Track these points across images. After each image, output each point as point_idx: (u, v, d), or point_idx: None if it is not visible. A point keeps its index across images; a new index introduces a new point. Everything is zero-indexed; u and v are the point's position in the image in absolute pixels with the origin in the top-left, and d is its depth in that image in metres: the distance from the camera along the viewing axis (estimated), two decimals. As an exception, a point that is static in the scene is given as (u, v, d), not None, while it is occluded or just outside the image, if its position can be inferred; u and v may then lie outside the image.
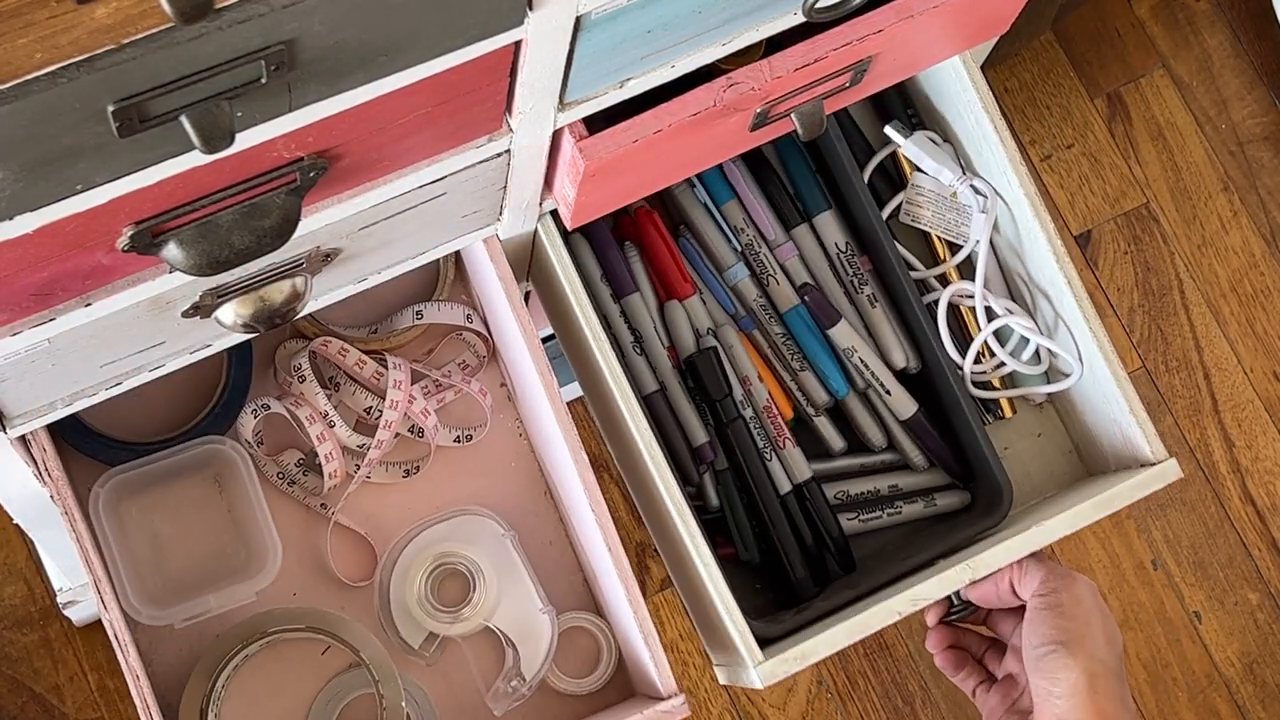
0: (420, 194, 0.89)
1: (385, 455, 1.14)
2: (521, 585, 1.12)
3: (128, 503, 1.11)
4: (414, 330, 1.15)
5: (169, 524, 1.11)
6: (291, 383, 1.12)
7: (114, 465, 1.09)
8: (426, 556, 1.12)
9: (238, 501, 1.11)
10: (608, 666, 1.14)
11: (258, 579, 1.09)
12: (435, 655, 1.12)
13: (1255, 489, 1.82)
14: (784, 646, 1.04)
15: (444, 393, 1.15)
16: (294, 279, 0.90)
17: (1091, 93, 1.90)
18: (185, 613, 1.08)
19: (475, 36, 0.72)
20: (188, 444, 1.10)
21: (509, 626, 1.11)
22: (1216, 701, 1.78)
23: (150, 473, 1.09)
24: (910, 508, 1.17)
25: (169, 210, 0.74)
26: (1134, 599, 1.79)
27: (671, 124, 0.91)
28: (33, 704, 1.61)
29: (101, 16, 0.56)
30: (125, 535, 1.10)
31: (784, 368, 1.17)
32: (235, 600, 1.09)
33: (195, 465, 1.11)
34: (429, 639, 1.12)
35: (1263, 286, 1.87)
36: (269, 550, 1.09)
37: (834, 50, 0.93)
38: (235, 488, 1.11)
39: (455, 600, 1.13)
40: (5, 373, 0.86)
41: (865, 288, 1.17)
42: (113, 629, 1.01)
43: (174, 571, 1.11)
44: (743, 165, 1.17)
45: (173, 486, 1.12)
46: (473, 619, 1.11)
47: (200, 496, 1.12)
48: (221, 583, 1.09)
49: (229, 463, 1.10)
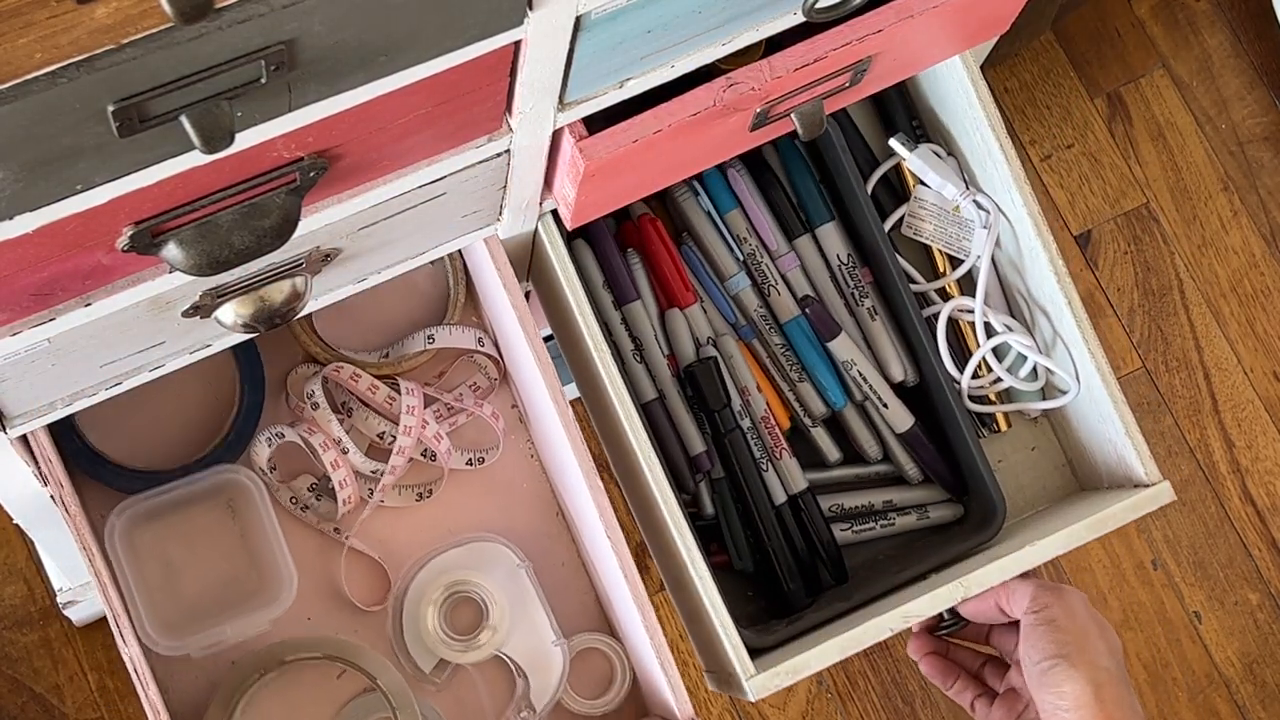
0: (420, 194, 0.89)
1: (398, 479, 1.14)
2: (535, 615, 1.12)
3: (141, 530, 1.11)
4: (425, 354, 1.15)
5: (183, 552, 1.11)
6: (304, 409, 1.12)
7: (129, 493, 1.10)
8: (440, 583, 1.12)
9: (252, 529, 1.11)
10: (621, 687, 1.14)
11: (273, 607, 1.09)
12: (446, 681, 1.12)
13: (1255, 489, 1.82)
14: (776, 659, 1.04)
15: (456, 416, 1.15)
16: (294, 279, 0.90)
17: (1091, 93, 1.90)
18: (202, 642, 1.08)
19: (475, 36, 0.72)
20: (201, 473, 1.10)
21: (520, 656, 1.11)
22: (1216, 701, 1.78)
23: (164, 501, 1.10)
24: (903, 519, 1.18)
25: (169, 210, 0.74)
26: (1134, 599, 1.79)
27: (671, 124, 0.91)
28: (33, 704, 1.61)
29: (101, 16, 0.56)
30: (139, 563, 1.10)
31: (782, 378, 1.17)
32: (251, 630, 1.09)
33: (208, 493, 1.11)
34: (440, 665, 1.12)
35: (1263, 286, 1.87)
36: (284, 578, 1.09)
37: (834, 50, 0.93)
38: (249, 515, 1.11)
39: (468, 628, 1.13)
40: (5, 373, 0.86)
41: (866, 300, 1.17)
42: (132, 664, 1.01)
43: (189, 599, 1.11)
44: (746, 174, 1.17)
45: (186, 514, 1.12)
46: (485, 648, 1.11)
47: (213, 524, 1.12)
48: (236, 611, 1.09)
49: (242, 490, 1.10)
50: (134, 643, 1.02)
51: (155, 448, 1.14)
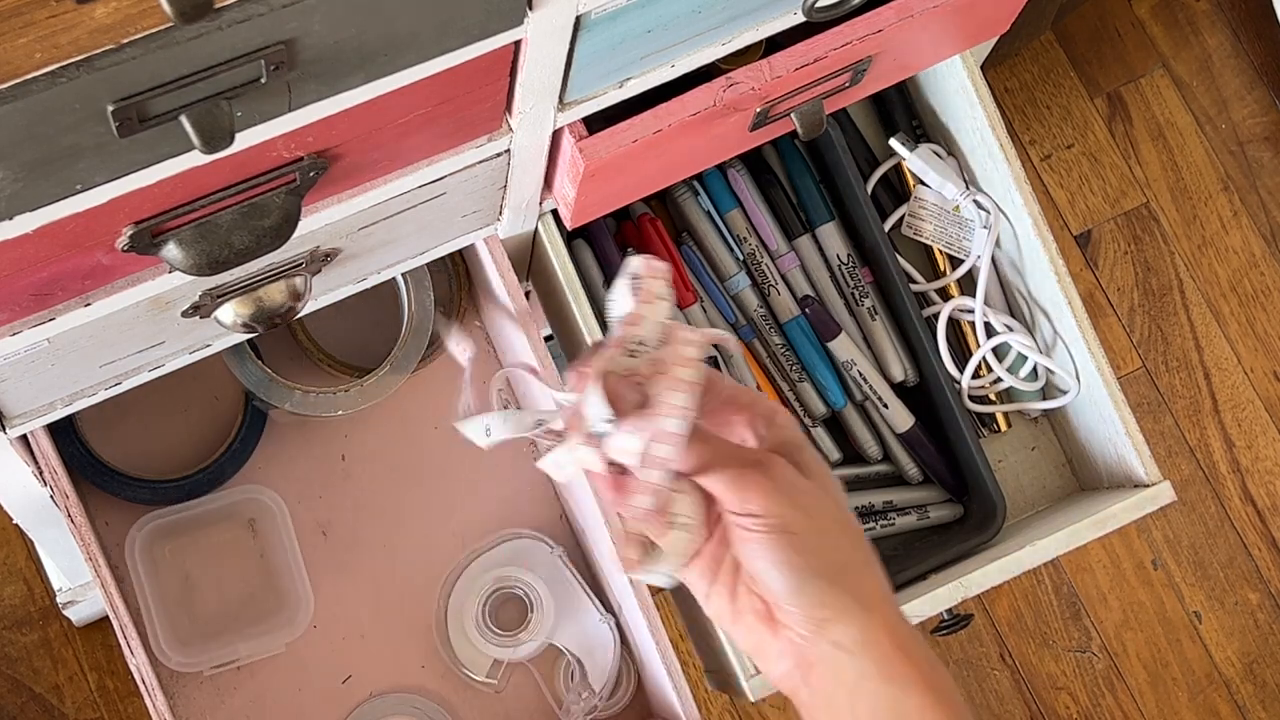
0: (420, 194, 0.89)
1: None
2: (576, 599, 1.12)
3: (161, 545, 1.11)
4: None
5: (201, 568, 1.12)
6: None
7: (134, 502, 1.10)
8: (477, 589, 1.12)
9: (272, 549, 1.11)
10: (627, 690, 1.14)
11: (289, 629, 1.09)
12: (504, 682, 1.12)
13: (1255, 489, 1.82)
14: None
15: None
16: (294, 279, 0.90)
17: (1091, 93, 1.90)
18: (214, 660, 1.08)
19: (475, 36, 0.72)
20: (223, 491, 1.10)
21: (571, 641, 1.12)
22: (1216, 701, 1.78)
23: (185, 517, 1.10)
24: (903, 519, 1.18)
25: (168, 210, 0.74)
26: (1134, 599, 1.79)
27: (671, 124, 0.91)
28: (33, 704, 1.61)
29: (101, 16, 0.56)
30: (158, 578, 1.10)
31: (783, 378, 1.17)
32: (265, 650, 1.09)
33: (230, 511, 1.11)
34: (494, 667, 1.12)
35: (1263, 286, 1.87)
36: (301, 600, 1.09)
37: (834, 50, 0.93)
38: (270, 535, 1.11)
39: (514, 624, 1.13)
40: (5, 373, 0.86)
41: (866, 300, 1.17)
42: (139, 673, 1.01)
43: (204, 616, 1.11)
44: (747, 174, 1.17)
45: (207, 531, 1.12)
46: (534, 639, 1.11)
47: (234, 542, 1.12)
48: (252, 630, 1.10)
49: (264, 510, 1.10)
50: (141, 652, 1.01)
51: (159, 456, 1.13)
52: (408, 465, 1.16)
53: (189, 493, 1.11)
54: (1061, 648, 1.77)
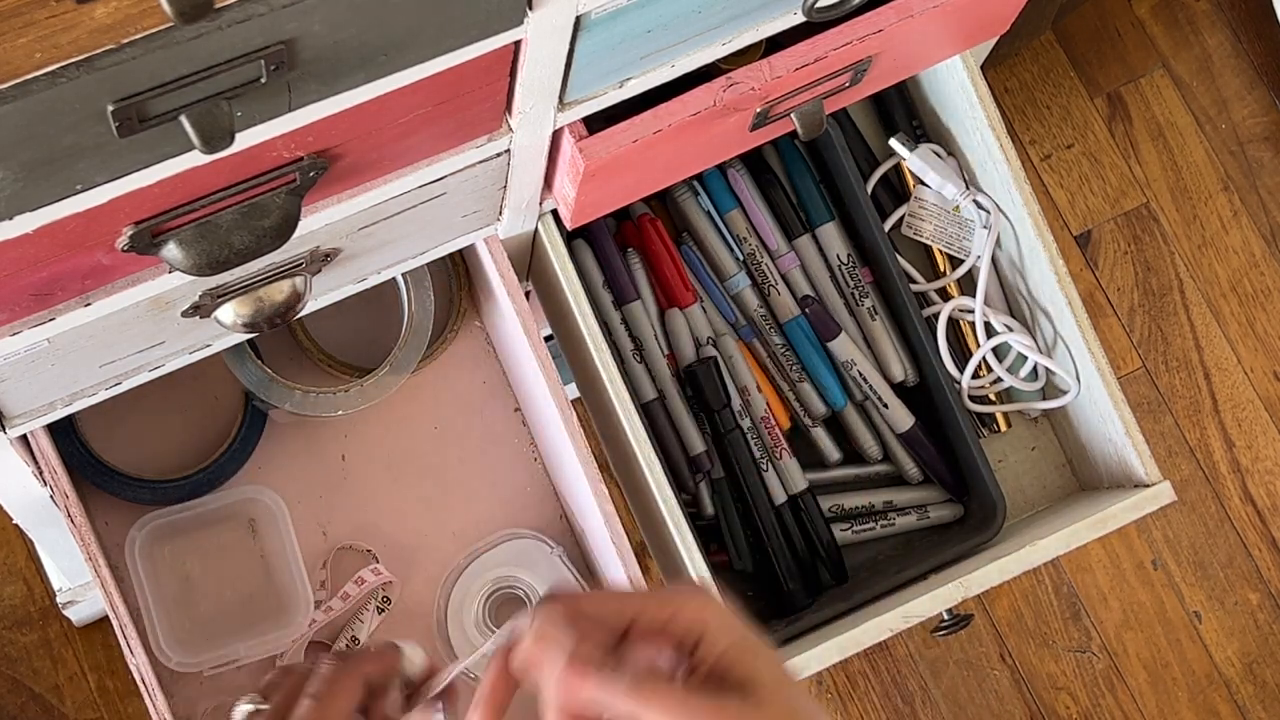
0: (420, 194, 0.89)
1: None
2: None
3: (161, 545, 1.11)
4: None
5: (201, 568, 1.12)
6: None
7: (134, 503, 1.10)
8: (476, 591, 1.12)
9: (271, 550, 1.11)
10: None
11: (289, 629, 1.09)
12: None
13: (1255, 489, 1.82)
14: (774, 660, 1.04)
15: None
16: (294, 279, 0.90)
17: (1091, 93, 1.90)
18: (214, 661, 1.08)
19: (475, 36, 0.72)
20: (223, 491, 1.10)
21: None
22: (1216, 701, 1.78)
23: (186, 517, 1.10)
24: (903, 519, 1.18)
25: (169, 210, 0.74)
26: (1134, 599, 1.79)
27: (671, 124, 0.91)
28: (33, 704, 1.61)
29: (101, 16, 0.56)
30: (158, 578, 1.10)
31: (782, 378, 1.17)
32: (265, 650, 1.09)
33: (231, 511, 1.11)
34: None
35: (1263, 286, 1.87)
36: (300, 600, 1.09)
37: (834, 50, 0.93)
38: (270, 536, 1.11)
39: None
40: (5, 373, 0.86)
41: (866, 300, 1.17)
42: (139, 673, 1.01)
43: (204, 616, 1.11)
44: (747, 174, 1.17)
45: (207, 531, 1.12)
46: None
47: (234, 543, 1.12)
48: (251, 630, 1.10)
49: (264, 510, 1.10)
50: (141, 652, 1.01)
51: (159, 456, 1.13)
52: (408, 465, 1.16)
53: (189, 493, 1.11)
54: (1061, 648, 1.77)
